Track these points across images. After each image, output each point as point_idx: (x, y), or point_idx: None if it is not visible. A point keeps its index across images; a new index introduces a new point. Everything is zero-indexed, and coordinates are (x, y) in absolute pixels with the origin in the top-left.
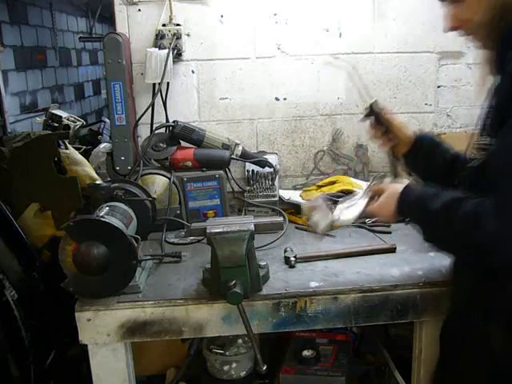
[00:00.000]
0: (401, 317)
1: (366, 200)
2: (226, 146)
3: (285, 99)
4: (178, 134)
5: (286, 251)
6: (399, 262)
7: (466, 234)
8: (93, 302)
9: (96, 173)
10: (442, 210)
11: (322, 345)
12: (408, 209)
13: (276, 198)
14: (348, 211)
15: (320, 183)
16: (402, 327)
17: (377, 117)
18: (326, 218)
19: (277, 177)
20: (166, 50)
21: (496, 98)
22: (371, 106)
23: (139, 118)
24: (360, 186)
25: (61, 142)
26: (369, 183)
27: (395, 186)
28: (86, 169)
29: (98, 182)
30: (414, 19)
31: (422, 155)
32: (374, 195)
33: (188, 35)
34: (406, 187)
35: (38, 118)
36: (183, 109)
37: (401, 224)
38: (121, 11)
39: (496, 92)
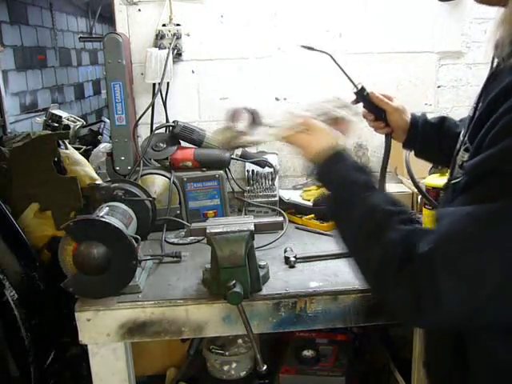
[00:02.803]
0: None
1: (290, 125)
2: None
3: (285, 99)
4: (178, 133)
5: (286, 251)
6: None
7: (383, 270)
8: (93, 302)
9: (96, 173)
10: (361, 217)
11: (321, 345)
12: (327, 182)
13: (276, 198)
14: (264, 131)
15: None
16: (402, 327)
17: (366, 101)
18: (227, 130)
19: (277, 177)
20: (166, 50)
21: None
22: (357, 90)
23: (139, 118)
24: None
25: (61, 142)
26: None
27: (332, 136)
28: (86, 169)
29: (97, 182)
30: (414, 19)
31: (420, 142)
32: (304, 128)
33: (188, 35)
34: (337, 154)
35: (37, 118)
36: (183, 109)
37: None
38: (121, 11)
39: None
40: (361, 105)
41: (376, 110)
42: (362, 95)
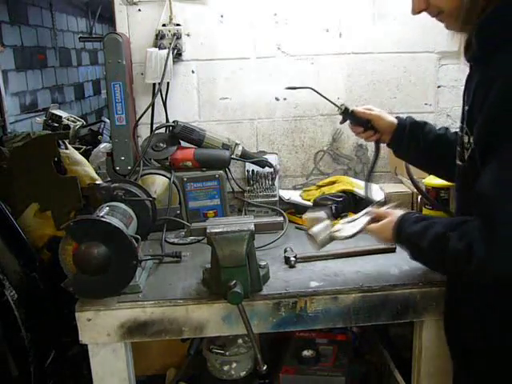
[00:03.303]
0: (401, 317)
1: (368, 219)
2: (225, 146)
3: (285, 99)
4: (178, 133)
5: (286, 251)
6: (399, 261)
7: (458, 267)
8: (93, 301)
9: (96, 173)
10: (430, 249)
11: (321, 345)
12: (402, 243)
13: (276, 198)
14: (348, 226)
15: (320, 183)
16: (402, 327)
17: (351, 117)
18: (326, 230)
19: (277, 177)
20: (166, 50)
21: (477, 97)
22: (341, 109)
23: (139, 118)
24: (360, 185)
25: (61, 142)
26: (370, 206)
27: (392, 216)
28: (86, 169)
29: (98, 182)
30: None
31: (407, 140)
32: (376, 218)
33: (188, 35)
34: (399, 221)
35: (37, 118)
36: (183, 109)
37: None
38: (121, 11)
39: (477, 89)
40: None
41: (363, 122)
42: (347, 114)
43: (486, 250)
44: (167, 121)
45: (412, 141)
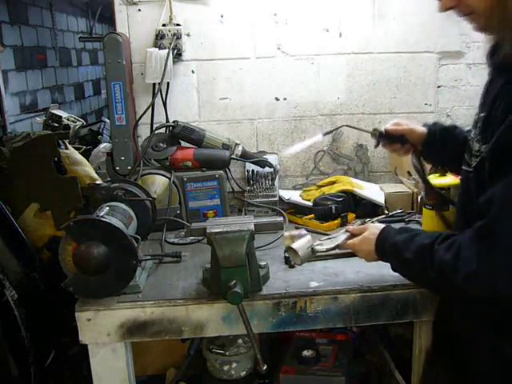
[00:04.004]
0: (401, 317)
1: (347, 235)
2: (226, 146)
3: (285, 99)
4: (178, 133)
5: (286, 251)
6: None
7: (442, 281)
8: (93, 301)
9: (96, 173)
10: (415, 259)
11: (321, 345)
12: (384, 255)
13: (276, 198)
14: (328, 241)
15: (320, 183)
16: (401, 327)
17: (385, 138)
18: (307, 244)
19: (277, 177)
20: (166, 50)
21: (498, 105)
22: (375, 133)
23: (139, 118)
24: (360, 185)
25: (61, 142)
26: (349, 225)
27: (373, 228)
28: (86, 169)
29: (98, 182)
30: (414, 19)
31: (437, 146)
32: (354, 234)
33: (188, 35)
34: (381, 233)
35: (37, 118)
36: (183, 109)
37: (400, 224)
38: (121, 11)
39: (500, 96)
40: None
41: (398, 139)
42: (381, 136)
43: (478, 263)
44: (167, 121)
45: (442, 146)
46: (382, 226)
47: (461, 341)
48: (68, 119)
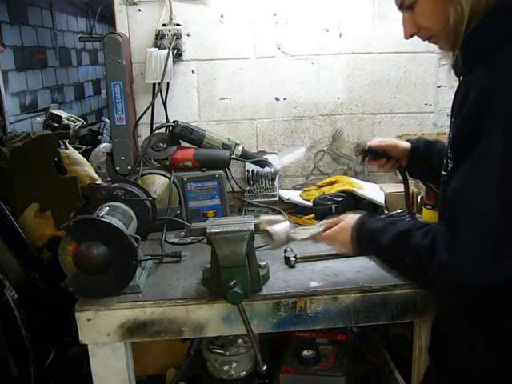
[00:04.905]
0: (401, 317)
1: (323, 228)
2: (226, 146)
3: (285, 99)
4: (178, 133)
5: (285, 251)
6: None
7: (417, 267)
8: (93, 301)
9: (96, 173)
10: (390, 246)
11: (321, 345)
12: (361, 243)
13: (276, 198)
14: (304, 231)
15: (320, 183)
16: (401, 327)
17: (370, 153)
18: (284, 230)
19: (277, 177)
20: (166, 50)
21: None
22: (360, 150)
23: (139, 118)
24: (360, 185)
25: (61, 142)
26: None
27: (349, 219)
28: (86, 169)
29: (98, 182)
30: None
31: (421, 160)
32: (329, 226)
33: (188, 35)
34: (359, 221)
35: (37, 118)
36: (183, 109)
37: None
38: (121, 11)
39: (459, 102)
40: None
41: (382, 155)
42: (365, 152)
43: (448, 257)
44: (167, 121)
45: (426, 160)
46: (357, 216)
47: (442, 340)
48: (68, 119)
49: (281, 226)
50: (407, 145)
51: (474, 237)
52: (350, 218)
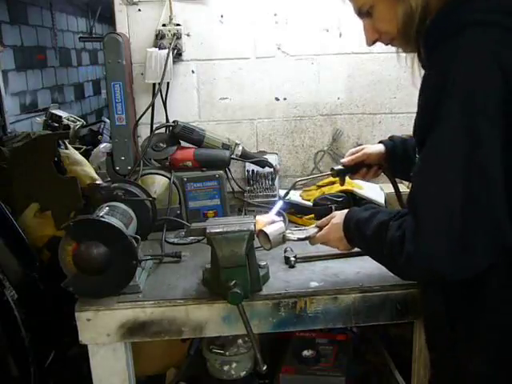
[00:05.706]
0: (401, 317)
1: (317, 229)
2: (226, 146)
3: (285, 99)
4: (178, 133)
5: (285, 251)
6: None
7: (391, 258)
8: (93, 301)
9: (96, 173)
10: (372, 236)
11: (322, 345)
12: (351, 235)
13: (276, 198)
14: (299, 232)
15: (320, 183)
16: (401, 327)
17: (347, 170)
18: (280, 230)
19: (277, 177)
20: (166, 50)
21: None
22: (335, 173)
23: (139, 118)
24: (360, 185)
25: (61, 142)
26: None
27: (339, 214)
28: (86, 169)
29: (98, 182)
30: None
31: (400, 160)
32: (322, 226)
33: (188, 35)
34: (347, 214)
35: (37, 118)
36: (183, 109)
37: None
38: (121, 11)
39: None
40: None
41: (360, 165)
42: (342, 172)
43: (413, 245)
44: (167, 121)
45: (404, 158)
46: (346, 211)
47: (430, 341)
48: (68, 119)
49: (276, 226)
50: (380, 148)
51: (436, 225)
52: (340, 214)
